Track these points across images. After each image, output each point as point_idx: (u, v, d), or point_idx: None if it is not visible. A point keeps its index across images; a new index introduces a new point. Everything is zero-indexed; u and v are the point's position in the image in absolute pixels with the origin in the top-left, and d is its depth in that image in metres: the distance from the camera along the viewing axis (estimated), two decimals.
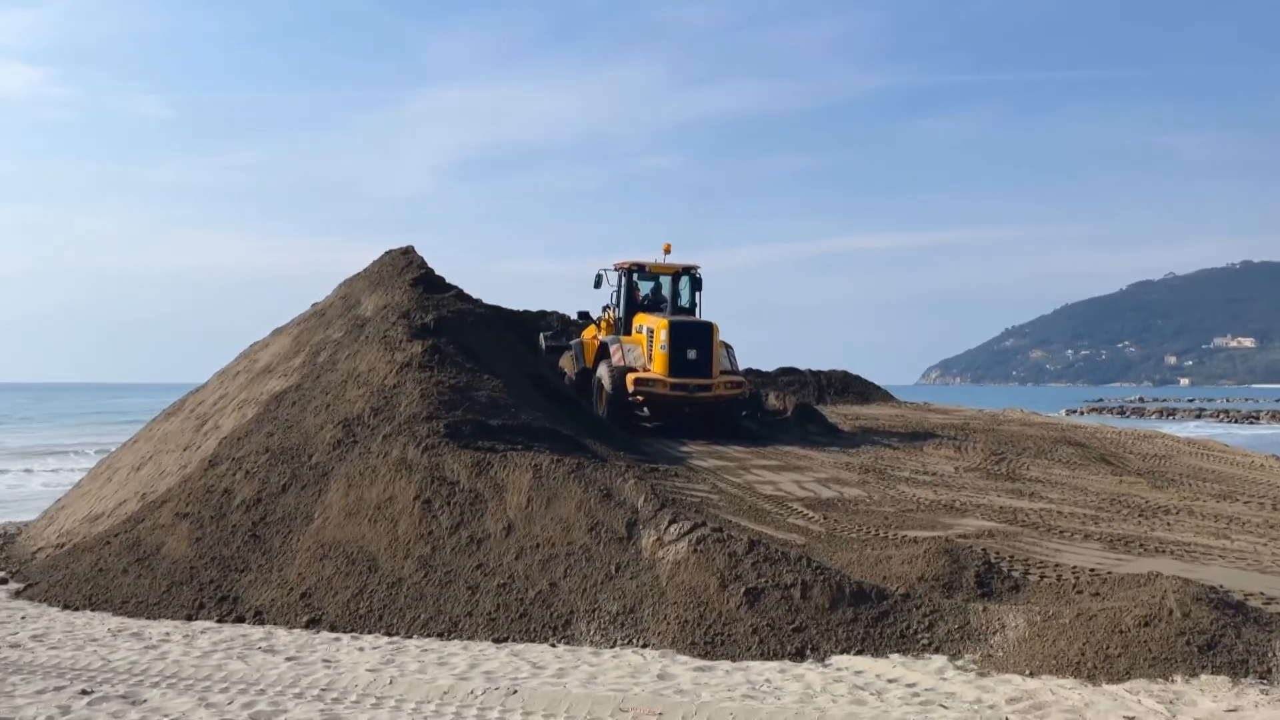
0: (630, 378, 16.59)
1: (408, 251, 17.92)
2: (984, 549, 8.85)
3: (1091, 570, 8.37)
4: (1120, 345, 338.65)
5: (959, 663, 6.92)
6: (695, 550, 8.29)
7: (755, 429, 18.04)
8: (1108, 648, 6.66)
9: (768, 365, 27.96)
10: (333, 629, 8.63)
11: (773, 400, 21.57)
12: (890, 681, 6.49)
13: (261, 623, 8.91)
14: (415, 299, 15.37)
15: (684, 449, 15.25)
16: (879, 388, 28.73)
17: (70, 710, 6.05)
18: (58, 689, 6.57)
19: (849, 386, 27.98)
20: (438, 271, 16.96)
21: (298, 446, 11.51)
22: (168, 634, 8.44)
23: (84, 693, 6.46)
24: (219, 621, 9.02)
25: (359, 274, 17.76)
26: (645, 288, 18.91)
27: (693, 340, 16.77)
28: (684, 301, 18.58)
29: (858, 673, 6.74)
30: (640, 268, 18.51)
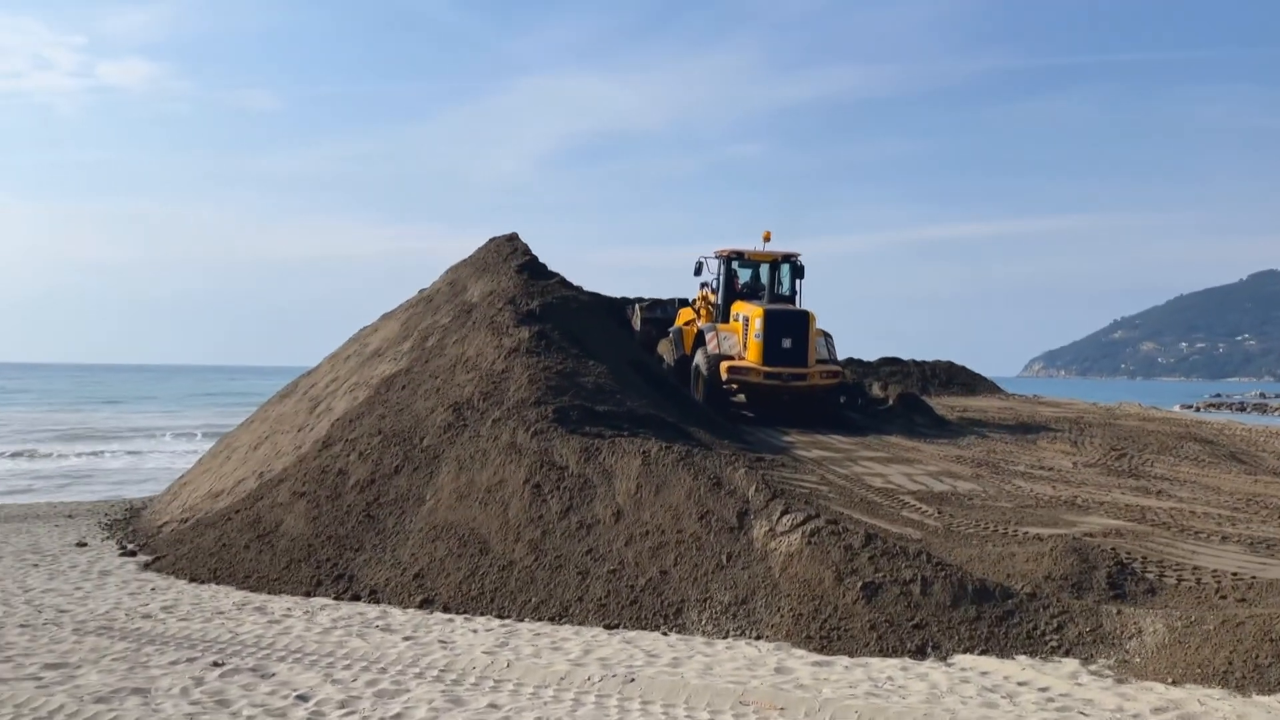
0: (724, 365, 16.50)
1: (512, 239, 18.10)
2: (1113, 548, 8.43)
3: (1233, 574, 7.89)
4: (1239, 338, 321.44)
5: (1092, 668, 6.59)
6: (809, 542, 8.11)
7: (859, 419, 17.69)
8: (1258, 657, 6.25)
9: (868, 355, 27.38)
10: (445, 610, 8.74)
11: (876, 390, 21.11)
12: (1020, 685, 6.22)
13: (376, 601, 9.08)
14: (520, 285, 15.49)
15: (786, 439, 15.01)
16: (985, 379, 27.86)
17: (203, 682, 6.24)
18: (190, 660, 6.80)
19: (954, 378, 27.20)
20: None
21: (409, 429, 11.70)
22: (289, 609, 8.67)
23: (215, 665, 6.67)
24: (336, 599, 9.23)
25: (465, 260, 18.01)
26: (744, 275, 18.76)
27: (788, 329, 16.59)
28: (783, 289, 18.32)
29: (984, 674, 6.48)
30: (739, 255, 18.34)
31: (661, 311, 20.73)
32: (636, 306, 21.09)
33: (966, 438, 16.07)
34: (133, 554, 12.08)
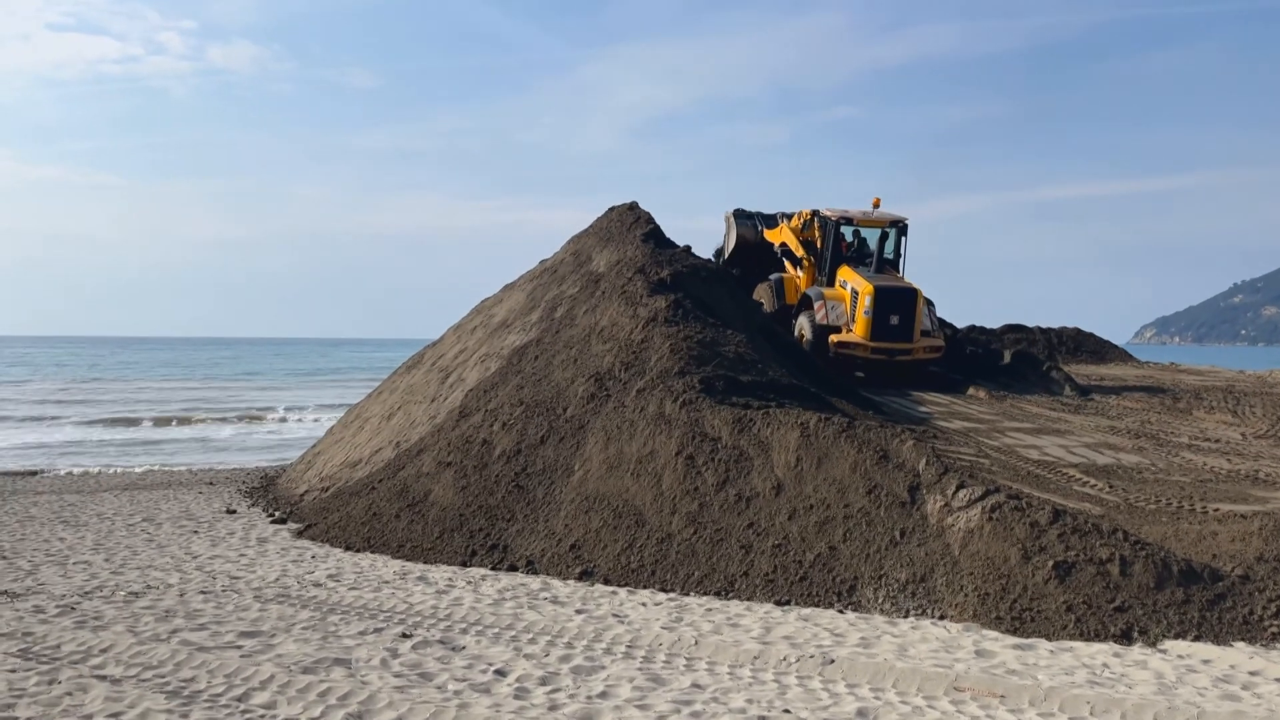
0: (832, 340, 16.77)
1: (634, 207, 17.88)
2: None
3: None
4: None
5: None
6: (990, 518, 7.72)
7: (992, 386, 17.25)
8: None
9: (989, 322, 26.37)
10: (606, 582, 8.63)
11: (1008, 358, 20.45)
12: (1252, 674, 5.77)
13: (534, 572, 9.04)
14: (648, 254, 15.27)
15: (923, 409, 14.54)
16: (1115, 346, 26.61)
17: (398, 654, 6.23)
18: (377, 631, 6.81)
19: (1081, 345, 26.04)
20: None
21: (550, 400, 11.63)
22: (451, 580, 8.68)
23: (404, 636, 6.67)
24: (493, 569, 9.22)
25: (586, 230, 17.87)
26: (848, 234, 18.68)
27: (896, 306, 16.76)
28: (888, 253, 18.14)
29: (1205, 662, 6.04)
30: (848, 220, 18.26)
31: (749, 217, 20.93)
32: (730, 216, 21.03)
33: (1112, 407, 15.31)
34: (283, 521, 12.36)
